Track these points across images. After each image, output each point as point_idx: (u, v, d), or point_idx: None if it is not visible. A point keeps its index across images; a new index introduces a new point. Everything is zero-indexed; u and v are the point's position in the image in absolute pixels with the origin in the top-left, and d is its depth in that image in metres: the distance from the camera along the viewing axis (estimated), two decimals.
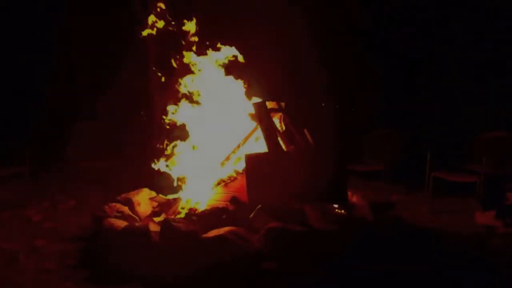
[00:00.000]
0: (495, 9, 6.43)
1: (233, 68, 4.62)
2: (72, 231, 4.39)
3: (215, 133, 4.42)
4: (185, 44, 4.67)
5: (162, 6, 4.69)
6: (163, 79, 4.89)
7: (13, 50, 7.02)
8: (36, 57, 7.05)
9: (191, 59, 4.62)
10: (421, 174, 5.34)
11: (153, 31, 4.72)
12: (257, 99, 4.44)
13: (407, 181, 5.85)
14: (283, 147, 4.22)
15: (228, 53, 4.62)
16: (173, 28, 4.69)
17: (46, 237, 4.17)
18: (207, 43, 4.65)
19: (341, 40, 7.10)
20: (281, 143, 4.21)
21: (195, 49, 4.66)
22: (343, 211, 4.05)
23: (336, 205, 4.07)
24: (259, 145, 4.35)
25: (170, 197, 4.50)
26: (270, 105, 4.34)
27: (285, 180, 3.87)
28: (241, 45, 4.67)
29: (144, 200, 4.40)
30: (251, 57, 4.70)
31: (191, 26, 4.71)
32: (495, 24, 6.43)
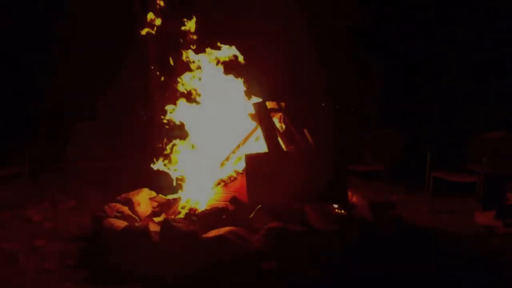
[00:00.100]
0: (495, 9, 6.42)
1: (232, 68, 4.61)
2: (72, 231, 4.39)
3: (215, 133, 4.42)
4: (184, 42, 4.66)
5: (161, 3, 4.69)
6: (162, 78, 4.89)
7: (13, 50, 7.02)
8: (36, 57, 7.04)
9: (190, 57, 4.61)
10: (421, 174, 5.34)
11: (152, 30, 4.72)
12: (257, 99, 4.44)
13: (407, 181, 5.85)
14: (283, 147, 4.22)
15: (228, 52, 4.62)
16: (173, 27, 4.68)
17: (46, 237, 4.17)
18: (207, 42, 4.65)
19: (341, 40, 7.10)
20: (281, 143, 4.21)
21: (194, 47, 4.65)
22: (343, 211, 4.04)
23: (336, 205, 4.07)
24: (259, 145, 4.35)
25: (170, 197, 4.50)
26: (270, 105, 4.34)
27: (285, 180, 3.87)
28: (241, 45, 4.67)
29: (144, 200, 4.40)
30: (251, 57, 4.70)
31: (190, 25, 4.71)
32: (495, 24, 6.42)
